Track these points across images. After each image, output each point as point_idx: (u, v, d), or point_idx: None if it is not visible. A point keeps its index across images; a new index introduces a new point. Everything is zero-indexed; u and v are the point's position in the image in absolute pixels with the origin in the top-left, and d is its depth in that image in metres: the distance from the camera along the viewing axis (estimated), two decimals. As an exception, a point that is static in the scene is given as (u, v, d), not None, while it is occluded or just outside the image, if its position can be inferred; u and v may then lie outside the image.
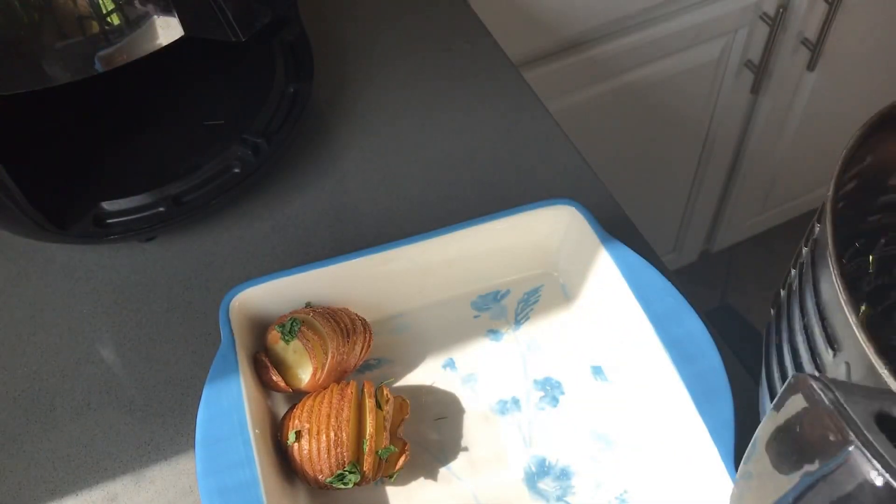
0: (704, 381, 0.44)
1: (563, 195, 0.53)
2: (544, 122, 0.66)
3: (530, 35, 0.96)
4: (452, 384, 0.51)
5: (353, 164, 0.64)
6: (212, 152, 0.59)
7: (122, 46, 0.47)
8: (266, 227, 0.61)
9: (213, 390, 0.45)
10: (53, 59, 0.46)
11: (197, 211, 0.57)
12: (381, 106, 0.68)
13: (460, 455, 0.49)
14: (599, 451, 0.48)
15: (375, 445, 0.44)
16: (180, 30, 0.48)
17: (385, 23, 0.74)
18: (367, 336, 0.50)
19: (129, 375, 0.53)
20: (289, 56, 0.62)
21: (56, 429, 0.51)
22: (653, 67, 1.08)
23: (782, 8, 1.09)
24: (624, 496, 0.47)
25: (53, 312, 0.57)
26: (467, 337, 0.53)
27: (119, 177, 0.61)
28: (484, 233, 0.52)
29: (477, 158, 0.64)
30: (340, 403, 0.45)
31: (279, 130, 0.60)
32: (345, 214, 0.61)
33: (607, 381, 0.51)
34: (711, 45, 1.12)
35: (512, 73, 0.70)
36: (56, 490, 0.49)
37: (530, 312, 0.54)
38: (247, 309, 0.49)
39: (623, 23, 1.02)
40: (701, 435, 0.43)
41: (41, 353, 0.55)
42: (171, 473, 0.49)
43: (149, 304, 0.57)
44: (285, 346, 0.47)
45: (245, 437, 0.43)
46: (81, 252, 0.60)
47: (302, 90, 0.62)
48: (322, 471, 0.44)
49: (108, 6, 0.46)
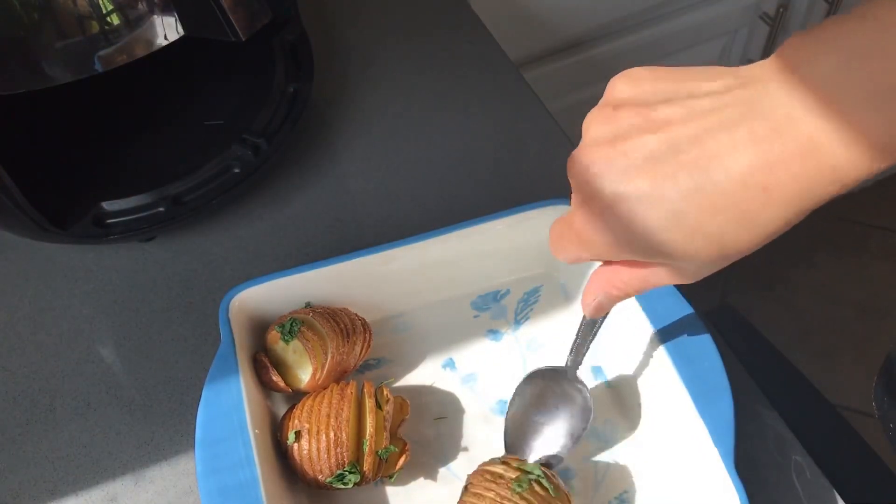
0: (704, 381, 0.44)
1: (562, 195, 0.53)
2: (544, 122, 0.66)
3: (530, 35, 0.96)
4: (452, 384, 0.51)
5: (353, 164, 0.64)
6: (212, 152, 0.59)
7: (122, 46, 0.47)
8: (266, 227, 0.61)
9: (212, 390, 0.45)
10: (53, 59, 0.46)
11: (197, 211, 0.57)
12: (381, 106, 0.68)
13: (460, 455, 0.49)
14: (599, 451, 0.48)
15: (375, 445, 0.44)
16: (180, 30, 0.48)
17: (385, 23, 0.74)
18: (367, 336, 0.50)
19: (129, 375, 0.53)
20: (289, 56, 0.62)
21: (56, 429, 0.51)
22: (653, 67, 1.07)
23: (782, 8, 1.09)
24: (624, 496, 0.47)
25: (53, 312, 0.57)
26: (467, 337, 0.53)
27: (119, 177, 0.61)
28: (484, 233, 0.52)
29: (477, 158, 0.64)
30: (340, 403, 0.45)
31: (279, 130, 0.60)
32: (345, 214, 0.61)
33: (607, 381, 0.51)
34: (711, 45, 1.12)
35: (512, 73, 0.70)
36: (56, 490, 0.49)
37: (530, 312, 0.54)
38: (247, 309, 0.49)
39: (623, 23, 1.02)
40: (701, 435, 0.43)
41: (41, 353, 0.55)
42: (171, 473, 0.49)
43: (149, 304, 0.57)
44: (285, 346, 0.47)
45: (245, 437, 0.43)
46: (81, 252, 0.60)
47: (302, 90, 0.61)
48: (322, 471, 0.44)
49: (108, 6, 0.46)
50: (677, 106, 0.30)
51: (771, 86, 0.28)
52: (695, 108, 0.30)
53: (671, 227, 0.30)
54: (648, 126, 0.30)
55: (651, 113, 0.31)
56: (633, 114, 0.31)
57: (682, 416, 0.44)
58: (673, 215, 0.30)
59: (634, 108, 0.31)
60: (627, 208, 0.31)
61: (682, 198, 0.29)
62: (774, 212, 0.28)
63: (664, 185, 0.30)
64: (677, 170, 0.29)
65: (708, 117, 0.29)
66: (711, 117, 0.29)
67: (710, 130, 0.29)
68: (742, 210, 0.29)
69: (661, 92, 0.31)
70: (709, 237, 0.30)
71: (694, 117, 0.30)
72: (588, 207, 0.32)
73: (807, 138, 0.27)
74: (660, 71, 0.32)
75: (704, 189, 0.29)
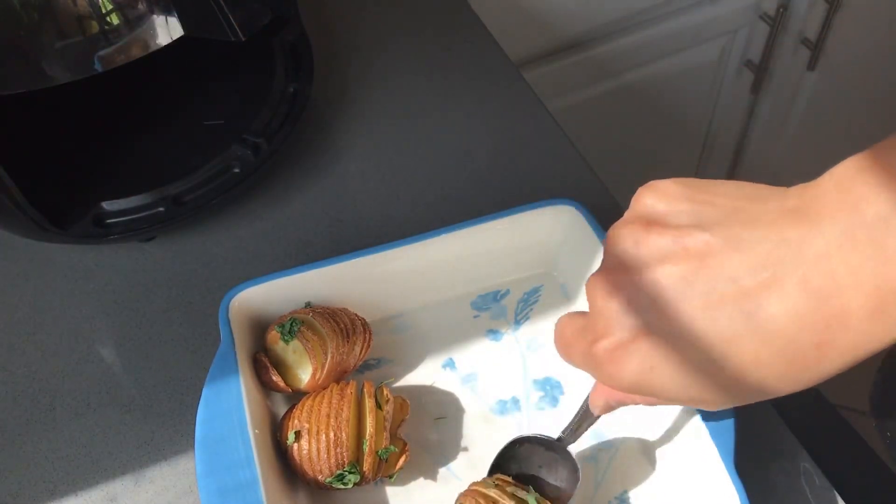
0: (704, 381, 0.44)
1: (563, 195, 0.53)
2: (544, 122, 0.66)
3: (530, 35, 0.96)
4: (452, 384, 0.51)
5: (353, 164, 0.64)
6: (212, 152, 0.59)
7: (122, 46, 0.47)
8: (266, 227, 0.61)
9: (212, 390, 0.45)
10: (53, 58, 0.46)
11: (197, 211, 0.57)
12: (381, 106, 0.68)
13: (460, 455, 0.49)
14: (599, 451, 0.48)
15: (375, 445, 0.44)
16: (180, 30, 0.48)
17: (385, 23, 0.74)
18: (367, 336, 0.50)
19: (129, 375, 0.53)
20: (289, 56, 0.62)
21: (56, 429, 0.51)
22: (653, 67, 1.08)
23: (782, 8, 1.09)
24: (624, 496, 0.47)
25: (53, 312, 0.57)
26: (467, 337, 0.53)
27: (119, 177, 0.61)
28: (484, 233, 0.52)
29: (477, 158, 0.64)
30: (340, 403, 0.45)
31: (279, 130, 0.60)
32: (345, 214, 0.61)
33: (607, 381, 0.51)
34: (711, 45, 1.12)
35: (512, 73, 0.70)
36: (56, 490, 0.49)
37: (530, 312, 0.54)
38: (247, 309, 0.49)
39: (623, 23, 1.02)
40: (701, 435, 0.43)
41: (41, 353, 0.55)
42: (170, 473, 0.49)
43: (149, 304, 0.57)
44: (285, 346, 0.47)
45: (245, 437, 0.43)
46: (81, 252, 0.60)
47: (302, 90, 0.61)
48: (322, 471, 0.44)
49: (108, 6, 0.46)
50: (717, 234, 0.26)
51: (825, 225, 0.24)
52: (738, 240, 0.26)
53: (703, 374, 0.26)
54: (683, 255, 0.26)
55: (686, 240, 0.27)
56: (666, 238, 0.27)
57: (682, 415, 0.44)
58: (707, 362, 0.26)
59: (668, 232, 0.27)
60: (652, 348, 0.27)
61: (721, 342, 0.25)
62: (826, 367, 0.25)
63: (699, 326, 0.26)
64: (715, 311, 0.25)
65: (752, 252, 0.25)
66: (757, 252, 0.25)
67: (755, 270, 0.25)
68: (788, 364, 0.25)
69: (699, 214, 0.27)
70: (749, 386, 0.26)
71: (736, 250, 0.26)
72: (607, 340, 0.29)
73: (873, 290, 0.23)
74: (693, 188, 0.28)
75: (746, 337, 0.25)
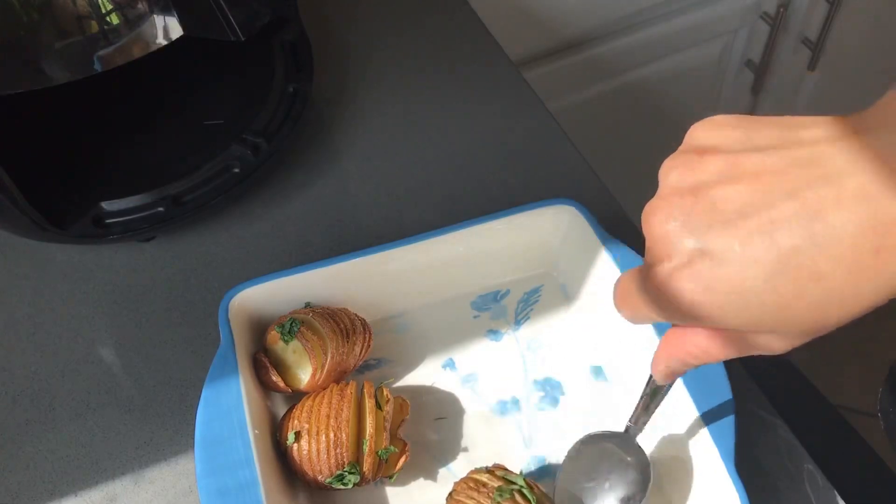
0: (704, 381, 0.44)
1: (563, 195, 0.53)
2: (544, 121, 0.66)
3: (530, 35, 0.96)
4: (452, 384, 0.51)
5: (353, 164, 0.64)
6: (212, 152, 0.59)
7: (122, 46, 0.47)
8: (266, 227, 0.61)
9: (212, 390, 0.45)
10: (53, 58, 0.46)
11: (197, 211, 0.57)
12: (381, 106, 0.68)
13: (460, 455, 0.49)
14: (599, 451, 0.48)
15: (375, 446, 0.44)
16: (180, 30, 0.48)
17: (385, 23, 0.74)
18: (367, 336, 0.50)
19: (129, 375, 0.53)
20: (289, 56, 0.62)
21: (55, 429, 0.51)
22: (653, 67, 1.08)
23: (783, 7, 1.09)
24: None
25: (53, 312, 0.57)
26: (467, 337, 0.53)
27: (119, 177, 0.61)
28: (484, 233, 0.52)
29: (477, 158, 0.64)
30: (340, 404, 0.45)
31: (279, 130, 0.60)
32: (345, 214, 0.61)
33: (607, 381, 0.51)
34: (712, 44, 1.12)
35: (512, 73, 0.70)
36: (55, 490, 0.49)
37: (530, 312, 0.54)
38: (246, 309, 0.49)
39: (623, 23, 1.02)
40: (701, 435, 0.43)
41: (41, 353, 0.55)
42: (170, 474, 0.49)
43: (149, 304, 0.57)
44: (285, 346, 0.47)
45: (245, 437, 0.43)
46: (81, 252, 0.60)
47: (302, 90, 0.61)
48: (321, 471, 0.44)
49: (108, 6, 0.46)
50: (771, 154, 0.27)
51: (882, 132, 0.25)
52: (792, 157, 0.26)
53: (764, 293, 0.26)
54: (739, 175, 0.27)
55: (741, 161, 0.27)
56: (720, 161, 0.28)
57: (682, 415, 0.44)
58: (767, 279, 0.26)
59: (722, 155, 0.28)
60: (712, 269, 0.27)
61: (780, 259, 0.25)
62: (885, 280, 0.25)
63: (758, 243, 0.26)
64: (774, 227, 0.26)
65: (809, 168, 0.26)
66: (813, 169, 0.26)
67: (812, 183, 0.25)
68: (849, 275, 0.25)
69: (751, 139, 0.28)
70: (809, 306, 0.26)
71: (791, 167, 0.26)
72: (665, 265, 0.29)
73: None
74: (744, 119, 0.29)
75: (805, 250, 0.25)
